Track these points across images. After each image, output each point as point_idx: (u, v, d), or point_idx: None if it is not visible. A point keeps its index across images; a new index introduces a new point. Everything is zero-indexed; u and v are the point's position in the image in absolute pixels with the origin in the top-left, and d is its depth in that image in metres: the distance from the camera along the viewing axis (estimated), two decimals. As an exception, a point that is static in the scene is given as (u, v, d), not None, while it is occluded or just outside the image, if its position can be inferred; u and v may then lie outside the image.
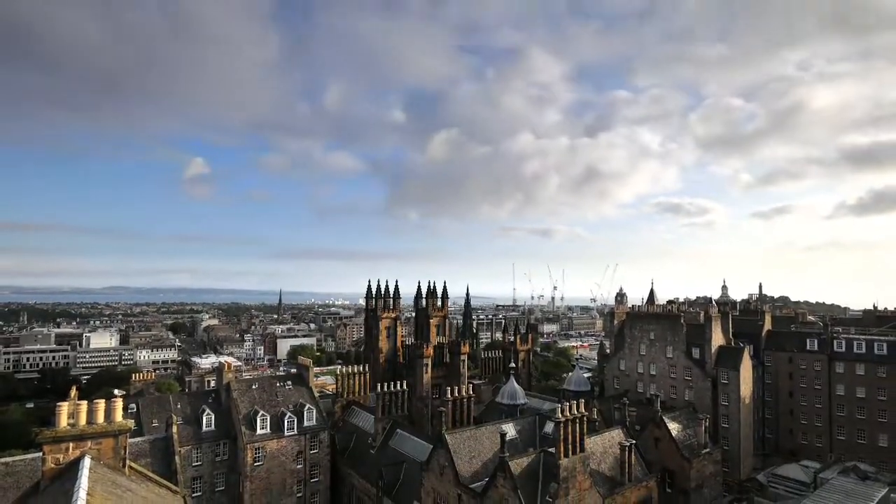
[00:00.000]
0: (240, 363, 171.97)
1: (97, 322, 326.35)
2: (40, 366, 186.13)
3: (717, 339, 66.71)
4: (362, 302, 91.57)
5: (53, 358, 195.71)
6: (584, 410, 33.71)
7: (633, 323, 74.00)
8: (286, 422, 49.28)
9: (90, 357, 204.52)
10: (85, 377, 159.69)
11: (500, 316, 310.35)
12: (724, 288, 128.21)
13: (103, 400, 13.61)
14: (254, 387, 52.18)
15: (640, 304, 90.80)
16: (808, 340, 73.56)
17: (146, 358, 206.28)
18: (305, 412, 50.80)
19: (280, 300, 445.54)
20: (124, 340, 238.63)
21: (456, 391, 44.78)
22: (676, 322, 68.77)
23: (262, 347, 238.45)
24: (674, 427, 49.12)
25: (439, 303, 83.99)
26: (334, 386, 68.81)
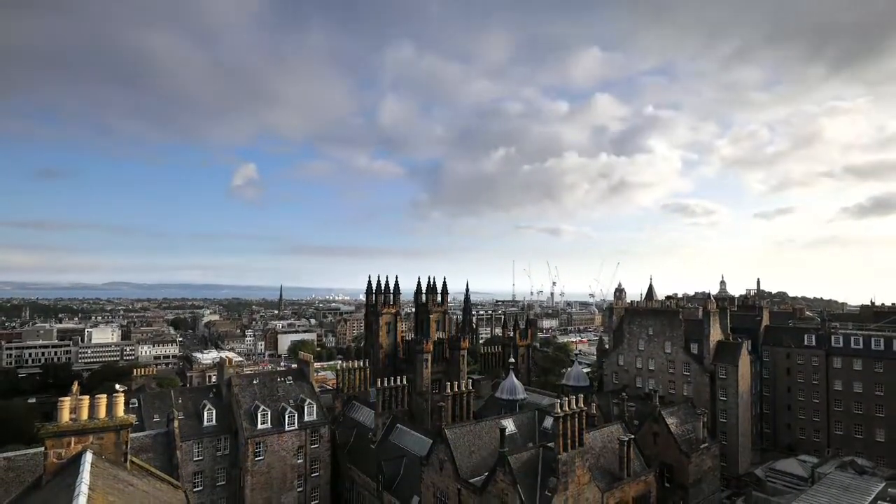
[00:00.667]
0: (241, 358, 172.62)
1: (99, 318, 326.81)
2: (42, 361, 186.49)
3: (716, 334, 66.91)
4: (363, 298, 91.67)
5: (55, 353, 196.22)
6: (583, 405, 33.89)
7: (631, 318, 74.17)
8: (287, 417, 49.53)
9: (92, 352, 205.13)
10: (87, 372, 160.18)
11: (500, 311, 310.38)
12: (723, 283, 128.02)
13: (105, 395, 13.72)
14: (255, 382, 52.43)
15: (639, 299, 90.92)
16: (805, 336, 73.74)
17: (147, 353, 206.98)
18: (306, 407, 51.04)
19: (281, 296, 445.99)
20: (126, 336, 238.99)
21: (455, 386, 44.98)
22: (675, 317, 68.96)
23: (263, 343, 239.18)
24: (672, 422, 49.33)
25: (439, 298, 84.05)
26: (335, 381, 69.30)
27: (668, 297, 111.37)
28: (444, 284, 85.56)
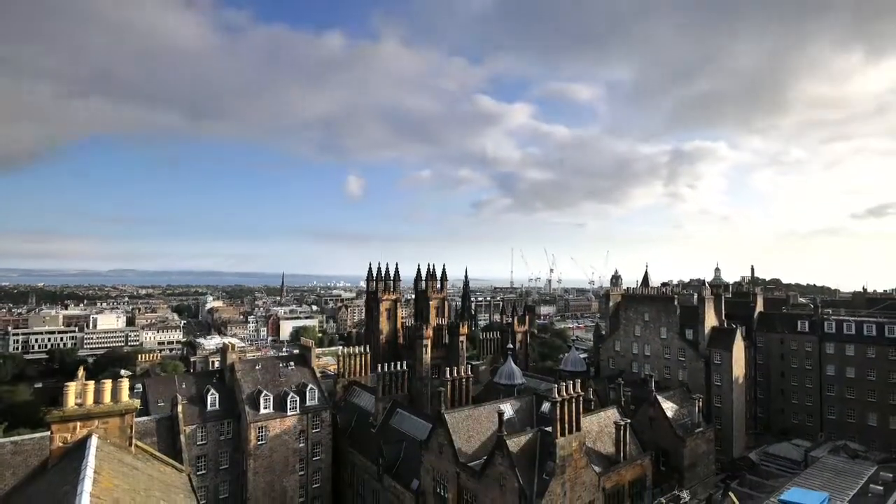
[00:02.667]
0: (243, 344, 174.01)
1: (104, 304, 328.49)
2: (48, 347, 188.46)
3: (711, 320, 67.34)
4: (363, 284, 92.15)
5: (61, 339, 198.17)
6: (580, 390, 34.40)
7: (627, 305, 74.61)
8: (289, 401, 50.18)
9: (97, 338, 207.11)
10: (92, 358, 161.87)
11: (498, 298, 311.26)
12: (717, 270, 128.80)
13: (110, 380, 13.83)
14: (257, 367, 53.04)
15: (635, 286, 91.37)
16: (799, 322, 74.16)
17: (152, 339, 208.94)
18: (308, 392, 51.66)
19: (283, 282, 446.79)
20: (130, 322, 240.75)
21: (455, 371, 45.57)
22: (670, 304, 69.36)
23: (266, 329, 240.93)
24: (668, 407, 49.98)
25: (438, 285, 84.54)
26: (336, 366, 69.96)
27: (663, 284, 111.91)
28: (444, 271, 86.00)
